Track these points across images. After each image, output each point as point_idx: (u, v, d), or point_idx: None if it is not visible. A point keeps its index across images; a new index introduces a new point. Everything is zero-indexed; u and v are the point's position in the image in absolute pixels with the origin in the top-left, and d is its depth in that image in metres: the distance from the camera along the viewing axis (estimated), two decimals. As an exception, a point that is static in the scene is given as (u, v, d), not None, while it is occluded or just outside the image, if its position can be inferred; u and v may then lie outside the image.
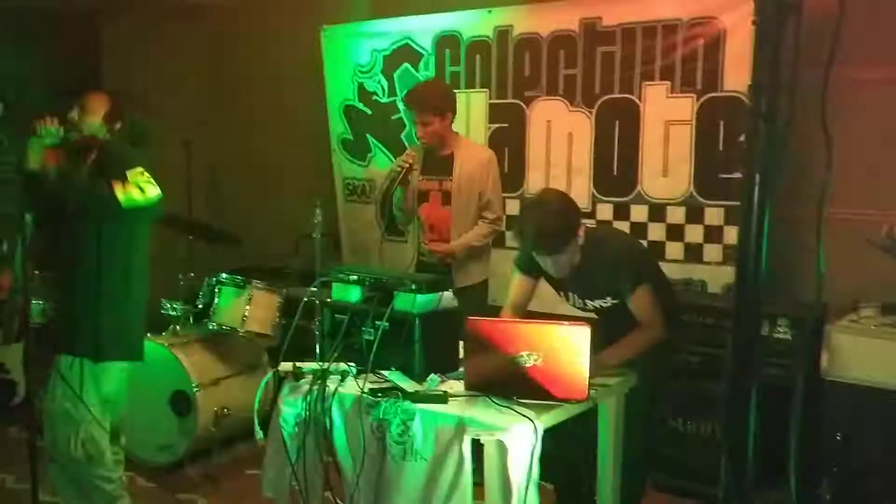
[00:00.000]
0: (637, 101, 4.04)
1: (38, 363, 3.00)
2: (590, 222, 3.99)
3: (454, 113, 3.81)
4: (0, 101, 3.25)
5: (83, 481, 2.90)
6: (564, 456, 2.99)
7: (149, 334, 3.99)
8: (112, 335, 2.90)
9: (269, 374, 2.79)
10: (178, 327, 4.13)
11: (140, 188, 2.80)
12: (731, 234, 3.79)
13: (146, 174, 2.85)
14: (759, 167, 1.42)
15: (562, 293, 3.07)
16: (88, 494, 2.92)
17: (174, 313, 4.14)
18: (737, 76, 3.74)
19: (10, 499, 3.56)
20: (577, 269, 2.87)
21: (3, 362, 4.57)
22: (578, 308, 3.07)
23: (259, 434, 2.72)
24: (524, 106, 4.40)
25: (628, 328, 2.87)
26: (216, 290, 4.09)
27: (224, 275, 4.15)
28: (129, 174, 2.81)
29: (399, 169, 3.74)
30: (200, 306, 4.13)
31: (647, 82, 4.00)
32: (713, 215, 3.87)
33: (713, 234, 3.88)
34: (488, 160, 3.79)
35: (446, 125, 3.75)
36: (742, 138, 3.58)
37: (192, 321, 4.20)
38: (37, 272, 3.70)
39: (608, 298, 2.94)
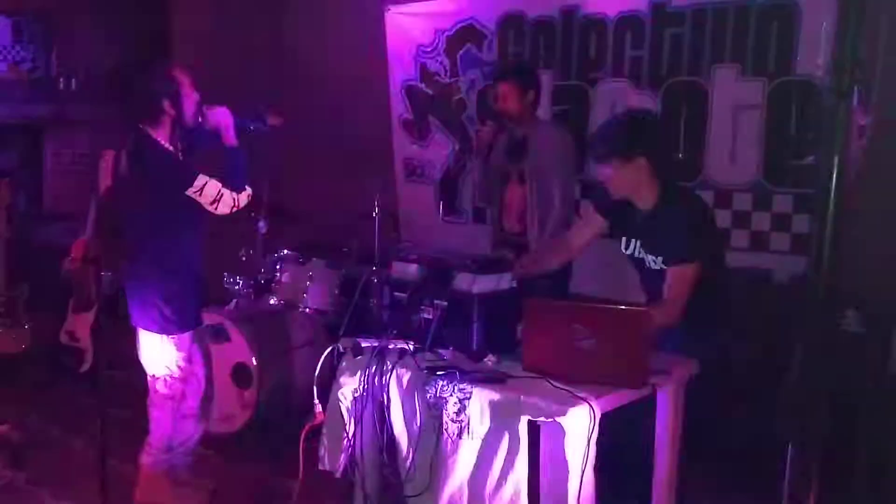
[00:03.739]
0: (705, 84, 3.95)
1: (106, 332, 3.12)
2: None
3: (536, 92, 3.84)
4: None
5: None
6: (619, 442, 2.97)
7: (212, 307, 4.11)
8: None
9: (330, 348, 2.82)
10: (240, 301, 4.21)
11: None
12: (801, 223, 3.68)
13: None
14: (837, 149, 1.37)
15: (624, 239, 3.01)
16: None
17: (236, 287, 4.22)
18: (810, 60, 3.62)
19: (79, 462, 3.69)
20: (648, 216, 2.85)
21: (73, 330, 4.74)
22: (636, 259, 3.01)
23: (318, 407, 2.76)
24: (588, 87, 4.34)
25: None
26: (278, 266, 4.15)
27: (285, 251, 4.21)
28: None
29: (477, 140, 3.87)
30: (262, 281, 4.21)
31: (717, 65, 3.90)
32: (782, 202, 3.77)
33: (781, 221, 3.77)
34: (561, 141, 3.77)
35: (525, 102, 3.78)
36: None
37: (253, 296, 4.28)
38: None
39: (659, 259, 2.88)
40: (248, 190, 3.04)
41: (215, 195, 2.93)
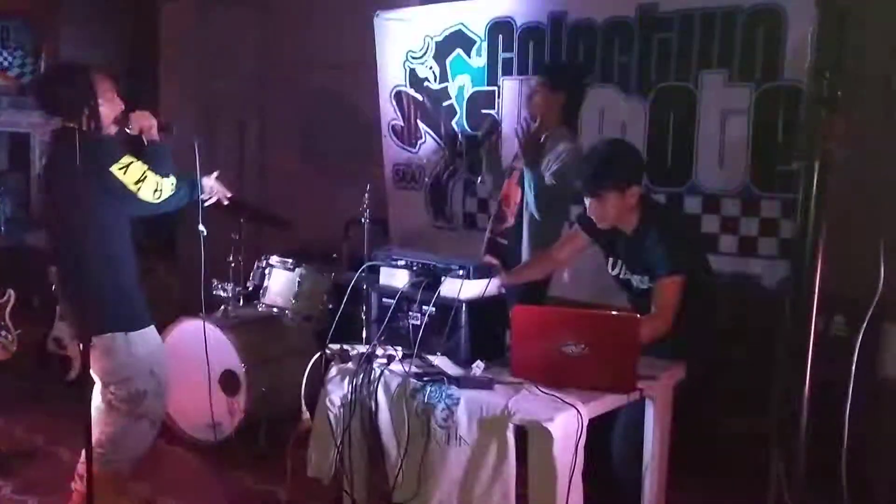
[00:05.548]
0: (694, 89, 3.96)
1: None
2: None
3: (569, 98, 3.76)
4: None
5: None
6: (609, 447, 2.97)
7: (200, 314, 4.09)
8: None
9: (318, 354, 2.81)
10: (228, 308, 4.19)
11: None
12: (788, 228, 3.69)
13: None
14: (818, 155, 1.38)
15: (611, 259, 3.03)
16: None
17: (224, 294, 4.21)
18: (797, 65, 3.63)
19: (66, 472, 3.66)
20: (631, 236, 2.87)
21: (60, 338, 4.71)
22: (622, 280, 3.02)
23: (306, 415, 2.75)
24: (577, 93, 4.34)
25: None
26: (266, 273, 4.14)
27: (274, 257, 4.20)
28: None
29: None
30: (251, 288, 4.19)
31: (705, 70, 3.92)
32: (769, 208, 3.77)
33: (769, 226, 3.78)
34: (567, 149, 3.73)
35: (553, 105, 3.71)
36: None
37: (241, 302, 4.26)
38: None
39: (646, 278, 2.89)
40: (172, 178, 3.03)
41: (139, 176, 2.93)
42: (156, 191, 2.96)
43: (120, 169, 2.89)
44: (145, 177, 2.93)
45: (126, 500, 3.21)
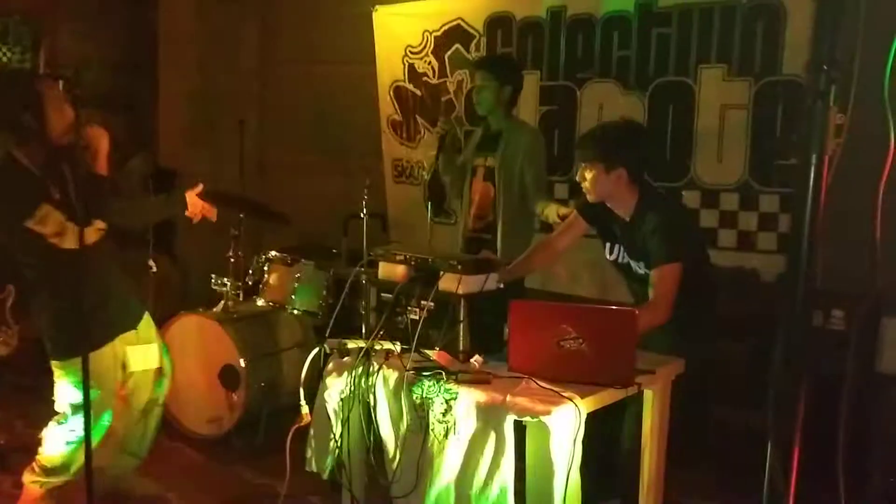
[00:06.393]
0: (692, 84, 3.96)
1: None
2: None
3: (514, 88, 3.76)
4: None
5: None
6: (607, 442, 2.97)
7: (200, 309, 4.10)
8: None
9: (316, 349, 2.81)
10: (228, 303, 4.19)
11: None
12: (787, 222, 3.70)
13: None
14: (816, 149, 1.38)
15: (608, 244, 3.04)
16: None
17: (224, 289, 4.21)
18: (796, 60, 3.64)
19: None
20: (628, 222, 2.88)
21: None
22: (621, 264, 3.03)
23: (305, 409, 2.76)
24: (576, 88, 4.35)
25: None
26: (266, 268, 4.14)
27: (274, 253, 4.20)
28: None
29: (440, 132, 3.87)
30: (250, 283, 4.20)
31: (703, 65, 3.91)
32: (768, 202, 3.78)
33: (768, 221, 3.79)
34: (532, 140, 3.75)
35: (502, 97, 3.71)
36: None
37: (241, 297, 4.26)
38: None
39: (642, 264, 2.89)
40: (99, 224, 2.83)
41: (58, 229, 2.73)
42: (78, 241, 2.57)
43: (36, 224, 2.73)
44: (64, 229, 2.70)
45: None
